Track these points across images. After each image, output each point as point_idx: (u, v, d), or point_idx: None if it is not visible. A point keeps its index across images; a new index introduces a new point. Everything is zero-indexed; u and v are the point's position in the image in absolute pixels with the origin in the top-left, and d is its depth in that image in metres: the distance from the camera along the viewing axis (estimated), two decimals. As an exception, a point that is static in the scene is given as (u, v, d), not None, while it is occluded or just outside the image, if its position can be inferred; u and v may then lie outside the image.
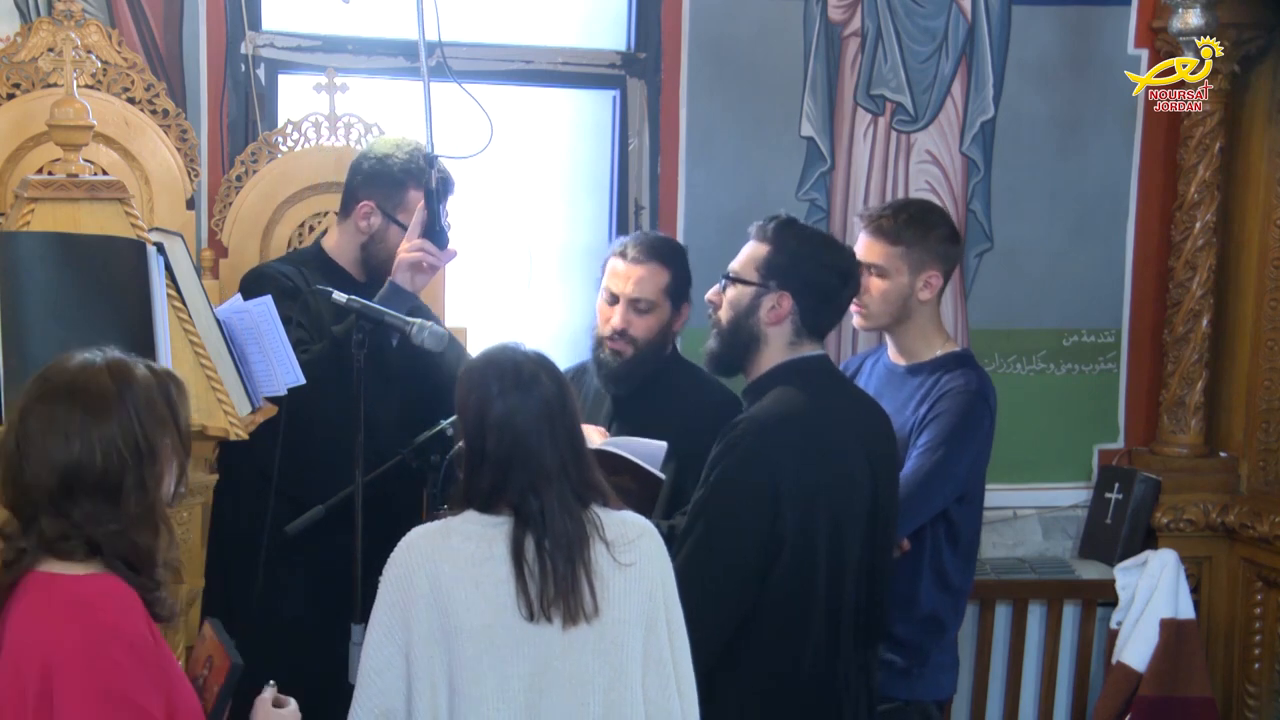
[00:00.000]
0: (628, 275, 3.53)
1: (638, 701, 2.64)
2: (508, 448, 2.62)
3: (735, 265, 3.25)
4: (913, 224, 3.57)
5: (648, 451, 3.27)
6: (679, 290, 3.53)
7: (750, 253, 3.23)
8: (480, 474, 2.65)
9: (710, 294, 3.30)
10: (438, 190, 3.55)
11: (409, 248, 3.50)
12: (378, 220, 3.59)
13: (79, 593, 2.27)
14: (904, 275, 3.55)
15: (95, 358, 2.35)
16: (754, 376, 3.23)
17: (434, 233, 3.53)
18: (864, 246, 3.59)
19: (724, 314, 3.23)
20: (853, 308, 3.60)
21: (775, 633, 3.07)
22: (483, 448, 2.64)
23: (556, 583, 2.58)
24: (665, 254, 3.56)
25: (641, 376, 3.52)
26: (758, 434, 3.06)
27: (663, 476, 3.28)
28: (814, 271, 3.18)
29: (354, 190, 3.65)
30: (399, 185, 3.59)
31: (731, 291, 3.22)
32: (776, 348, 3.20)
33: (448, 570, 2.59)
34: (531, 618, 2.57)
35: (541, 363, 2.69)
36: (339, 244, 3.65)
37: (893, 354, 3.68)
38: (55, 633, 2.22)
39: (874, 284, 3.56)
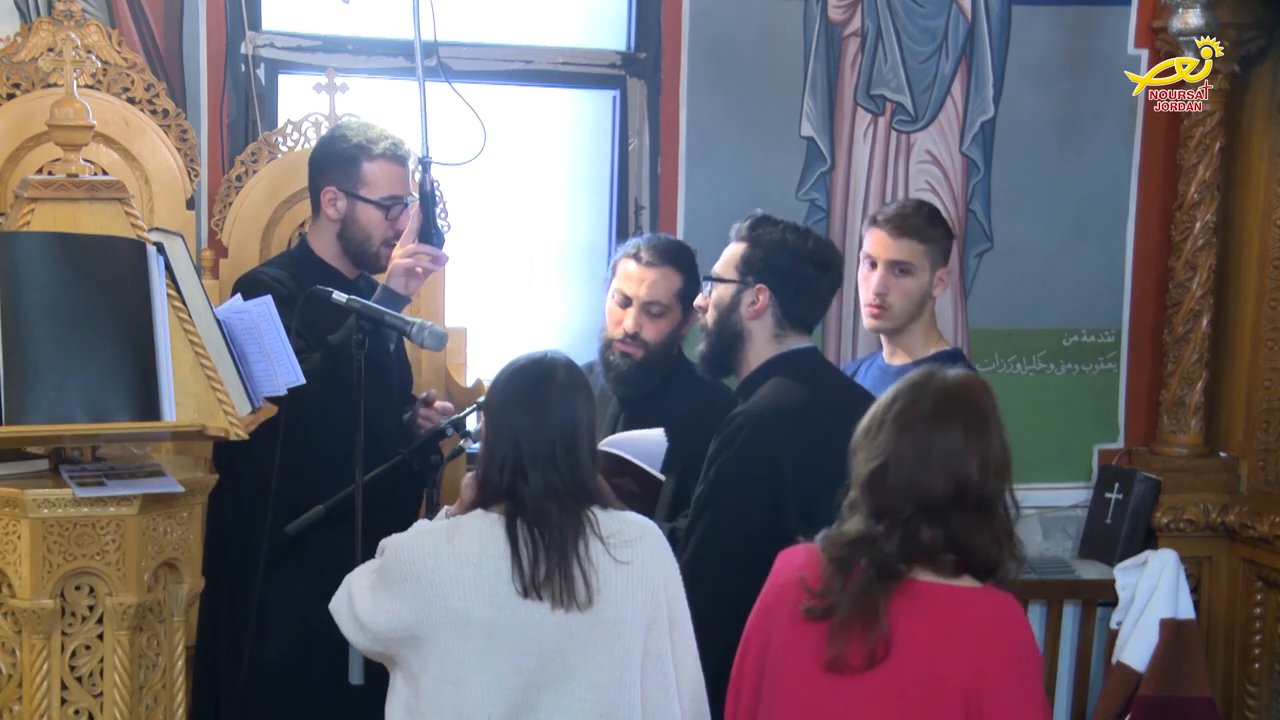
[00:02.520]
0: (641, 278, 3.53)
1: (635, 701, 2.65)
2: (504, 430, 2.67)
3: (716, 267, 3.29)
4: (932, 221, 3.63)
5: (648, 447, 3.27)
6: (690, 294, 3.54)
7: (730, 252, 3.27)
8: (481, 460, 2.70)
9: (698, 300, 3.35)
10: (432, 193, 3.55)
11: (404, 253, 3.50)
12: (343, 202, 3.58)
13: (998, 611, 2.43)
14: (926, 273, 3.59)
15: (968, 375, 2.55)
16: (744, 374, 3.25)
17: (428, 236, 3.54)
18: (888, 245, 3.58)
19: (709, 315, 3.28)
20: (870, 309, 3.60)
21: None
22: (486, 428, 2.71)
23: (547, 563, 2.60)
24: (678, 258, 3.56)
25: (651, 380, 3.53)
26: (755, 426, 3.07)
27: (663, 478, 3.28)
28: (789, 263, 3.20)
29: (314, 183, 3.65)
30: (352, 161, 3.58)
31: (714, 293, 3.27)
32: (761, 342, 3.22)
33: (451, 568, 2.61)
34: (525, 593, 2.59)
35: (565, 365, 2.73)
36: (321, 241, 3.65)
37: (888, 355, 3.69)
38: (984, 649, 2.38)
39: (900, 283, 3.57)
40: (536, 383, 2.69)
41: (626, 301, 3.54)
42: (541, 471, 2.64)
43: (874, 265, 3.62)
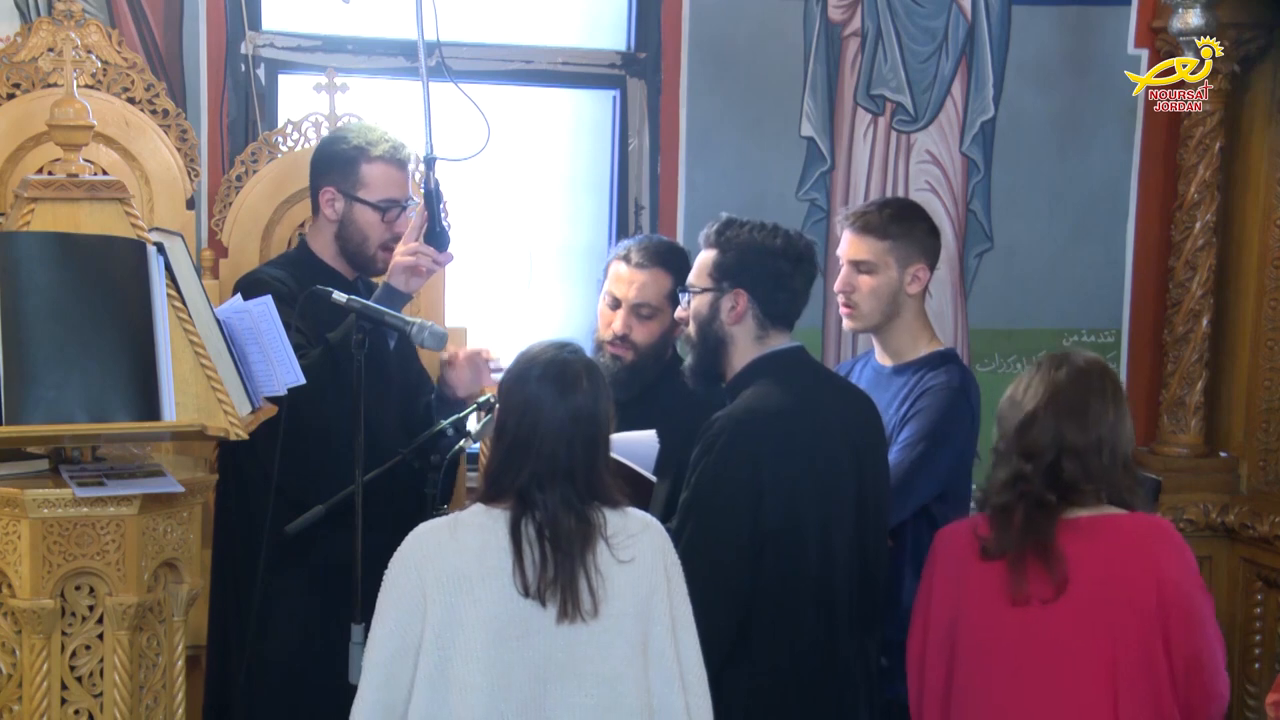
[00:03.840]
0: (630, 280, 3.52)
1: (641, 694, 2.65)
2: (526, 434, 2.65)
3: (691, 277, 3.27)
4: (897, 219, 3.58)
5: (639, 448, 3.27)
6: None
7: (701, 260, 3.25)
8: (496, 456, 2.69)
9: (678, 312, 3.33)
10: (436, 192, 3.55)
11: (405, 251, 3.49)
12: (341, 204, 3.58)
13: (1155, 529, 2.89)
14: (893, 270, 3.56)
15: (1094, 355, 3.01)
16: (730, 377, 3.24)
17: (434, 235, 3.53)
18: (851, 245, 3.58)
19: (691, 326, 3.26)
20: (841, 310, 3.60)
21: (771, 628, 3.07)
22: (506, 430, 2.68)
23: (556, 572, 2.60)
24: (668, 259, 3.55)
25: (641, 382, 3.52)
26: (734, 430, 3.07)
27: (654, 479, 3.28)
28: (761, 262, 3.19)
29: (314, 183, 3.64)
30: (351, 163, 3.57)
31: (693, 303, 3.25)
32: (744, 346, 3.22)
33: (455, 563, 2.61)
34: (527, 593, 2.59)
35: (587, 367, 2.71)
36: (319, 242, 3.65)
37: (880, 355, 3.68)
38: (1157, 563, 2.82)
39: (863, 281, 3.56)
40: (564, 390, 2.66)
41: (616, 303, 3.54)
42: (561, 482, 2.64)
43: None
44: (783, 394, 3.14)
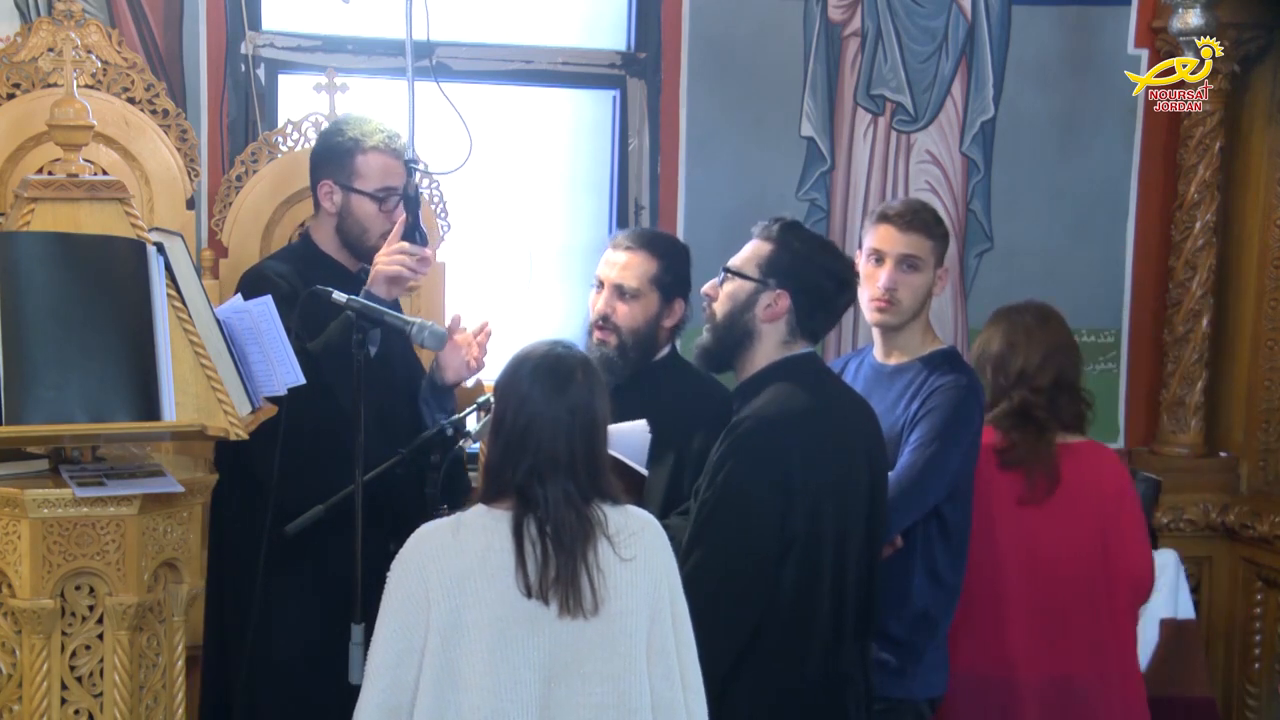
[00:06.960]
0: (614, 261, 3.51)
1: (645, 692, 2.66)
2: (521, 429, 2.65)
3: (736, 260, 3.26)
4: (938, 221, 3.62)
5: (630, 440, 3.26)
6: (669, 282, 3.50)
7: (753, 250, 3.24)
8: (494, 453, 2.69)
9: (707, 287, 3.30)
10: (416, 196, 3.55)
11: (387, 260, 3.48)
12: (339, 195, 3.59)
13: (1106, 450, 3.80)
14: (931, 270, 3.57)
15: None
16: (746, 374, 3.23)
17: (410, 238, 3.54)
18: (898, 239, 3.54)
19: (720, 307, 3.24)
20: (879, 305, 3.57)
21: (783, 633, 3.07)
22: (503, 426, 2.68)
23: (558, 570, 2.60)
24: (656, 244, 3.53)
25: (626, 370, 3.48)
26: (765, 432, 3.06)
27: (646, 472, 3.28)
28: (813, 274, 3.19)
29: (313, 177, 3.65)
30: (347, 154, 3.58)
31: (730, 285, 3.23)
32: (769, 345, 3.20)
33: (458, 564, 2.61)
34: (529, 594, 2.59)
35: (582, 363, 2.71)
36: (321, 234, 3.65)
37: (880, 354, 3.67)
38: (1118, 474, 3.73)
39: (908, 278, 3.54)
40: (559, 384, 2.66)
41: (602, 286, 3.54)
42: (562, 479, 2.63)
43: (879, 261, 3.59)
44: (807, 397, 3.13)
